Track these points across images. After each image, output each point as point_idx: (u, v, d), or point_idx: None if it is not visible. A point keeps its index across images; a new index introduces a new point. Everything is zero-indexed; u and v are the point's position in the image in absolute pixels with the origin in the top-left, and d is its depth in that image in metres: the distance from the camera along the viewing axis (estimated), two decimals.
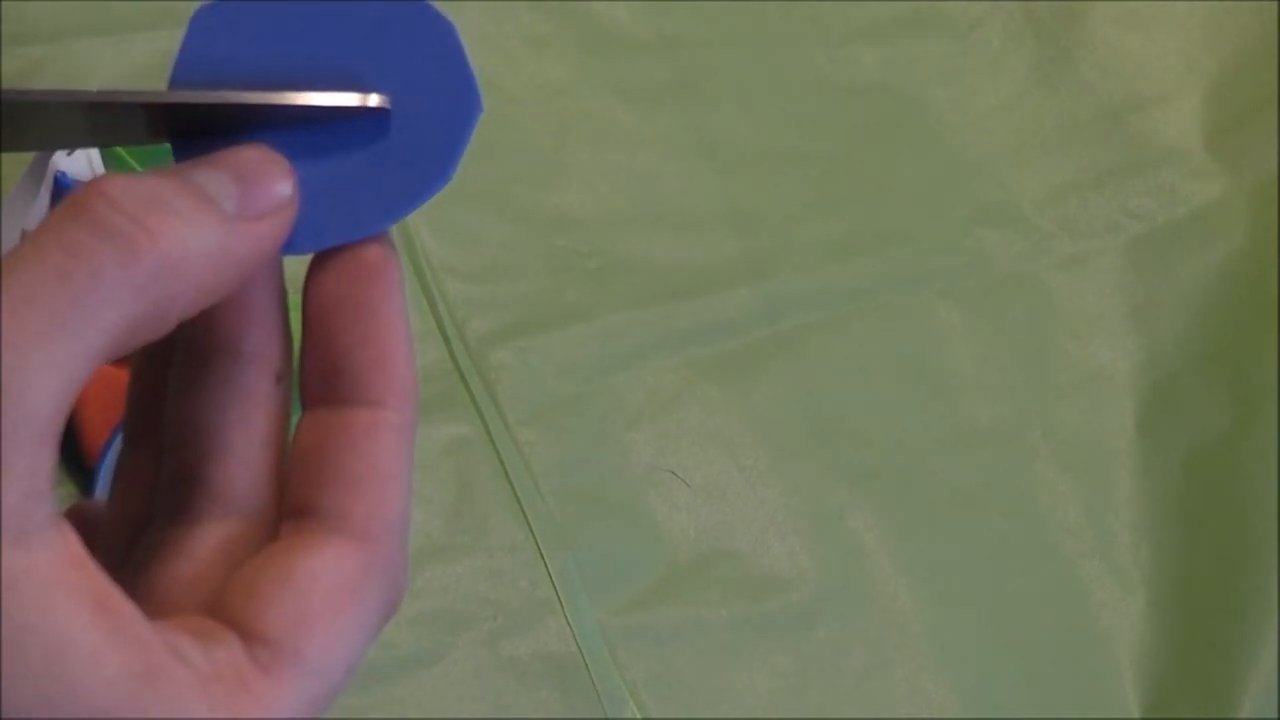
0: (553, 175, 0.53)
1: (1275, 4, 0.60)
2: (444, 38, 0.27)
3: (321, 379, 0.27)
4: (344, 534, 0.26)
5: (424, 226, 0.51)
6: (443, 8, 0.56)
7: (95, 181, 0.24)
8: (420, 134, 0.27)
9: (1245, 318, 0.55)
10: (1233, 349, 0.55)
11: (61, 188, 0.40)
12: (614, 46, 0.56)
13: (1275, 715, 0.48)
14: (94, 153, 0.41)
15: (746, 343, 0.52)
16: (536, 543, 0.47)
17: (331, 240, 0.27)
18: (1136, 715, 0.49)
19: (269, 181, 0.26)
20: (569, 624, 0.46)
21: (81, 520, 0.26)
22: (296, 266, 0.28)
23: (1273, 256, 0.56)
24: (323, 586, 0.26)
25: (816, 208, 0.55)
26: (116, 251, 0.23)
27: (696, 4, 0.57)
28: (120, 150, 0.43)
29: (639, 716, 0.46)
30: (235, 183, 0.26)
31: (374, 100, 0.27)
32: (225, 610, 0.26)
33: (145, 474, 0.29)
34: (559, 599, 0.47)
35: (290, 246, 0.27)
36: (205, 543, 0.27)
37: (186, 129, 0.28)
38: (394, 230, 0.52)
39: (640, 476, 0.49)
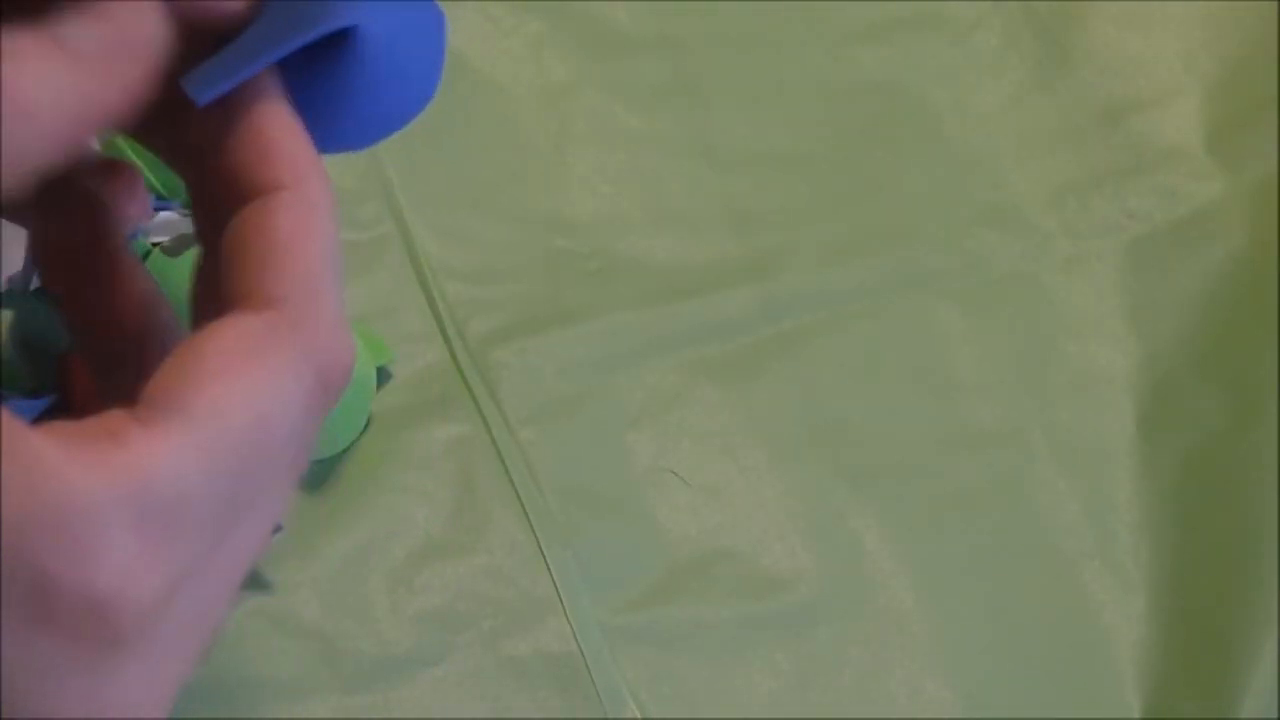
0: (552, 175, 0.53)
1: (1275, 4, 0.60)
2: None
3: (223, 192, 0.26)
4: (249, 306, 0.25)
5: (423, 228, 0.51)
6: (443, 8, 0.56)
7: None
8: (404, 52, 0.27)
9: (1245, 318, 0.55)
10: (1233, 349, 0.55)
11: None
12: (614, 46, 0.56)
13: (1275, 715, 0.48)
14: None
15: (747, 343, 0.52)
16: (537, 542, 0.47)
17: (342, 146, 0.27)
18: (1137, 715, 0.49)
19: (135, 23, 0.25)
20: (569, 623, 0.46)
21: None
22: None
23: (1273, 256, 0.56)
24: (218, 348, 0.24)
25: (816, 208, 0.55)
26: None
27: (696, 4, 0.57)
28: (118, 140, 0.43)
29: (639, 716, 0.46)
30: (96, 24, 0.25)
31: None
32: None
33: None
34: (559, 598, 0.47)
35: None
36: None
37: None
38: (392, 230, 0.53)
39: (641, 476, 0.49)
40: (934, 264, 0.55)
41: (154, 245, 0.44)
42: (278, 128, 0.26)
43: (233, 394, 0.23)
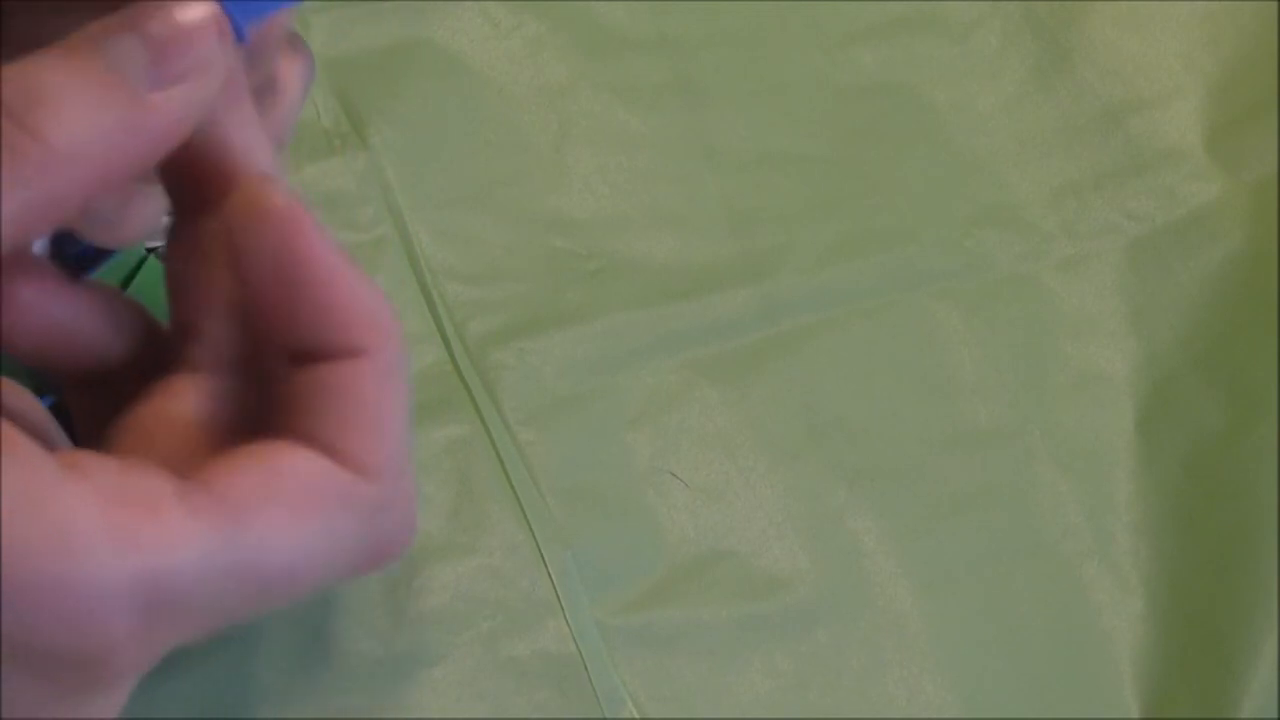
0: (552, 176, 0.53)
1: (1275, 4, 0.60)
2: None
3: (285, 342, 0.26)
4: (339, 461, 0.25)
5: (423, 229, 0.51)
6: (442, 8, 0.56)
7: None
8: None
9: (1245, 318, 0.55)
10: (1232, 349, 0.55)
11: None
12: (614, 46, 0.56)
13: (1275, 715, 0.48)
14: None
15: (746, 343, 0.52)
16: (536, 543, 0.47)
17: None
18: (1136, 715, 0.49)
19: (186, 42, 0.24)
20: (568, 624, 0.46)
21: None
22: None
23: (1273, 257, 0.56)
24: (298, 481, 0.24)
25: (816, 208, 0.55)
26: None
27: (696, 4, 0.57)
28: None
29: (637, 716, 0.46)
30: (146, 48, 0.24)
31: None
32: (190, 471, 0.24)
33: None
34: (558, 599, 0.47)
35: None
36: (182, 391, 0.26)
37: None
38: (392, 232, 0.53)
39: (640, 477, 0.49)
40: (934, 264, 0.55)
41: (149, 251, 0.44)
42: (356, 283, 0.25)
43: (285, 536, 0.24)
